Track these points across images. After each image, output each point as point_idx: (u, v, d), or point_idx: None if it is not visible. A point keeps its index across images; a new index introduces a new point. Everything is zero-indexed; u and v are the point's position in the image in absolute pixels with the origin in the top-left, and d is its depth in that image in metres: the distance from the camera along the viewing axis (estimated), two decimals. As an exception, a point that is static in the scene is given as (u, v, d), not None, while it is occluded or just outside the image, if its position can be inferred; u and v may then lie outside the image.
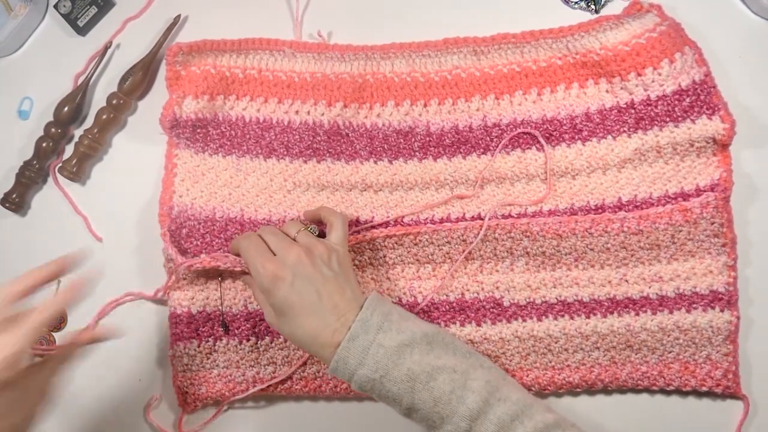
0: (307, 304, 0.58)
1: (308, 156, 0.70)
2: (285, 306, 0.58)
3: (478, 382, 0.56)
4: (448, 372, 0.56)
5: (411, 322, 0.59)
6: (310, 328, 0.58)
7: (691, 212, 0.66)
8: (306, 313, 0.58)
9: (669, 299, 0.66)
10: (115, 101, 0.73)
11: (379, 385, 0.56)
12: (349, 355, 0.56)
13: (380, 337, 0.56)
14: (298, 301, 0.58)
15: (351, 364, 0.56)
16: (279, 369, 0.69)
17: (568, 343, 0.67)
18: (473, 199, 0.69)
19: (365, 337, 0.56)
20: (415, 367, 0.56)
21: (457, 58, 0.70)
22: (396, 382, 0.56)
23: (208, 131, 0.71)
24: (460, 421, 0.54)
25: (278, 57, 0.71)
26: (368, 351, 0.56)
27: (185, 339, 0.69)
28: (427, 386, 0.55)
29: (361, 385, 0.57)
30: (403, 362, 0.56)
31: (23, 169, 0.73)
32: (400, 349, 0.56)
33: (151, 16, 0.76)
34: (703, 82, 0.66)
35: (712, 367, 0.65)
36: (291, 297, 0.58)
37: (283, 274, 0.58)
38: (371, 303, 0.59)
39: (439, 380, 0.55)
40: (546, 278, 0.67)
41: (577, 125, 0.68)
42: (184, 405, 0.69)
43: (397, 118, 0.70)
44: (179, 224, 0.70)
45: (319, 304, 0.57)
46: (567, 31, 0.68)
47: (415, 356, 0.56)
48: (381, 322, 0.57)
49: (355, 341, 0.56)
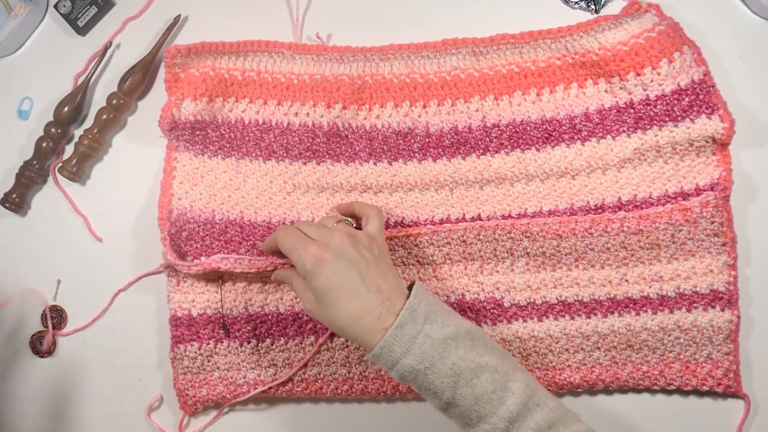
0: (350, 286, 0.57)
1: (308, 158, 0.70)
2: (327, 288, 0.57)
3: (519, 384, 0.55)
4: (491, 371, 0.55)
5: (453, 317, 0.58)
6: (352, 311, 0.56)
7: (691, 212, 0.66)
8: (348, 294, 0.56)
9: (669, 299, 0.66)
10: (115, 101, 0.73)
11: (422, 377, 0.55)
12: (395, 343, 0.55)
13: (427, 328, 0.56)
14: (341, 282, 0.57)
15: (396, 352, 0.55)
16: (280, 371, 0.69)
17: (569, 344, 0.67)
18: (473, 200, 0.69)
19: (413, 326, 0.55)
20: (460, 362, 0.55)
21: (456, 59, 0.70)
22: (440, 375, 0.55)
23: (207, 133, 0.71)
24: (498, 422, 0.54)
25: (277, 59, 0.71)
26: (415, 340, 0.55)
27: (186, 341, 0.69)
28: (470, 383, 0.55)
29: (403, 375, 0.56)
30: (448, 356, 0.55)
31: (23, 169, 0.73)
32: (446, 342, 0.55)
33: (151, 16, 0.76)
34: (702, 81, 0.66)
35: (713, 367, 0.65)
36: (334, 278, 0.57)
37: (326, 255, 0.57)
38: (418, 292, 0.58)
39: (482, 378, 0.55)
40: (546, 278, 0.67)
41: (576, 125, 0.68)
42: (185, 407, 0.69)
43: (397, 120, 0.70)
44: (179, 227, 0.69)
45: (362, 286, 0.57)
46: (566, 31, 0.68)
47: (460, 351, 0.55)
48: (428, 313, 0.56)
49: (402, 329, 0.55)
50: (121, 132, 0.75)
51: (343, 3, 0.75)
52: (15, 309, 0.73)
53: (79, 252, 0.73)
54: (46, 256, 0.74)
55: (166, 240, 0.68)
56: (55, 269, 0.73)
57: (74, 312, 0.73)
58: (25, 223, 0.75)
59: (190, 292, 0.69)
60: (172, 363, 0.69)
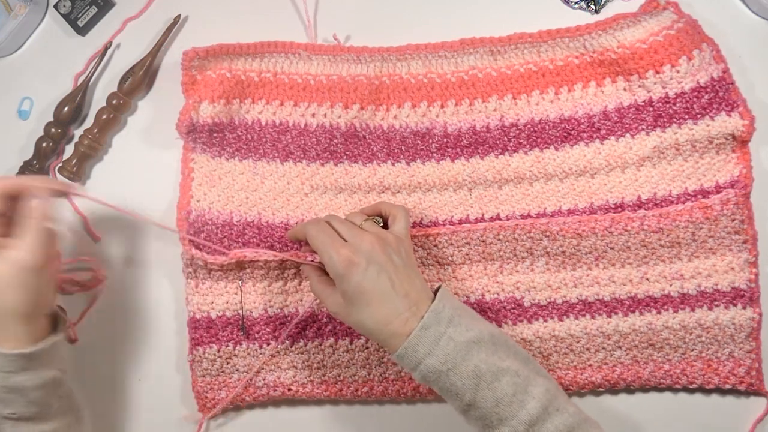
0: (380, 292, 0.57)
1: (325, 159, 0.70)
2: (357, 292, 0.57)
3: (539, 389, 0.56)
4: (512, 375, 0.56)
5: (478, 321, 0.59)
6: (381, 316, 0.57)
7: (711, 209, 0.65)
8: (378, 300, 0.57)
9: (691, 297, 0.66)
10: (115, 101, 0.73)
11: (444, 378, 0.56)
12: (419, 344, 0.56)
13: (451, 331, 0.56)
14: (372, 288, 0.57)
15: (420, 353, 0.56)
16: (299, 373, 0.68)
17: (589, 343, 0.67)
18: (492, 200, 0.69)
19: (437, 328, 0.56)
20: (481, 365, 0.56)
21: (474, 58, 0.70)
22: (461, 377, 0.56)
23: (225, 135, 0.70)
24: (518, 425, 0.55)
25: (293, 60, 0.71)
26: (438, 342, 0.56)
27: (205, 344, 0.69)
28: (491, 386, 0.55)
29: (426, 375, 0.57)
30: (470, 358, 0.56)
31: (23, 169, 0.73)
32: (469, 345, 0.56)
33: (151, 16, 0.76)
34: (721, 78, 0.66)
35: (735, 365, 0.65)
36: (364, 283, 0.57)
37: (358, 260, 0.57)
38: (443, 295, 0.59)
39: (503, 381, 0.56)
40: (566, 278, 0.67)
41: (595, 124, 0.68)
42: (204, 410, 0.69)
43: (414, 120, 0.70)
44: (197, 229, 0.69)
45: (392, 292, 0.57)
46: (584, 29, 0.68)
47: (482, 354, 0.56)
48: (452, 316, 0.57)
49: (427, 330, 0.56)
50: (121, 132, 0.75)
51: (359, 3, 0.75)
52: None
53: (79, 252, 0.73)
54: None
55: (185, 240, 0.68)
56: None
57: (74, 312, 0.73)
58: None
59: (209, 294, 0.69)
60: (191, 366, 0.69)
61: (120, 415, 0.71)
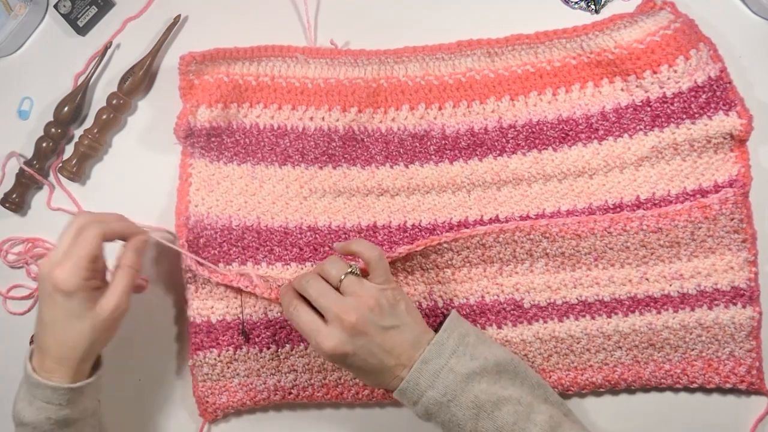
0: (372, 368, 0.58)
1: (324, 162, 0.70)
2: (350, 370, 0.60)
3: (542, 416, 0.56)
4: (513, 403, 0.56)
5: (486, 347, 0.59)
6: (376, 382, 0.60)
7: (710, 209, 0.65)
8: (371, 373, 0.59)
9: (690, 296, 0.66)
10: (115, 101, 0.73)
11: (445, 409, 0.57)
12: (420, 377, 0.57)
13: (452, 362, 0.57)
14: (363, 367, 0.58)
15: (421, 386, 0.57)
16: (300, 376, 0.68)
17: (590, 343, 0.67)
18: (491, 201, 0.69)
19: (438, 361, 0.57)
20: (481, 395, 0.56)
21: (471, 60, 0.70)
22: (462, 408, 0.56)
23: (223, 139, 0.70)
24: None
25: (291, 63, 0.71)
26: (439, 375, 0.57)
27: (205, 348, 0.69)
28: (492, 415, 0.56)
29: (428, 408, 0.57)
30: (471, 389, 0.56)
31: (23, 169, 0.73)
32: (470, 376, 0.57)
33: (151, 16, 0.76)
34: (718, 78, 0.66)
35: (736, 364, 0.65)
36: (355, 366, 0.58)
37: (345, 349, 0.57)
38: (449, 325, 0.60)
39: (504, 411, 0.56)
40: (566, 279, 0.67)
41: (593, 124, 0.68)
42: (205, 414, 0.69)
43: (412, 122, 0.70)
44: (196, 234, 0.69)
45: (383, 366, 0.58)
46: (581, 30, 0.68)
47: (482, 384, 0.57)
48: (456, 346, 0.58)
49: (428, 364, 0.57)
50: (121, 132, 0.75)
51: (355, 6, 0.74)
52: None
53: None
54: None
55: (185, 246, 0.68)
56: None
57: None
58: (25, 223, 0.75)
59: (209, 298, 0.69)
60: (191, 370, 0.69)
61: (121, 421, 0.71)
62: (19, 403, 0.59)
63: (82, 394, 0.59)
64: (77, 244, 0.58)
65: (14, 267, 0.74)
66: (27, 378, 0.59)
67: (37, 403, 0.57)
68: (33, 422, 0.57)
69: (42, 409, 0.57)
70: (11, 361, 0.73)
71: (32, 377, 0.58)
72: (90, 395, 0.61)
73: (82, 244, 0.58)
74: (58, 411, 0.58)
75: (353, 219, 0.70)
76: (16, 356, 0.72)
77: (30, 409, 0.58)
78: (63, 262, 0.57)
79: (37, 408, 0.57)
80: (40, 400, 0.57)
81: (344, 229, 0.69)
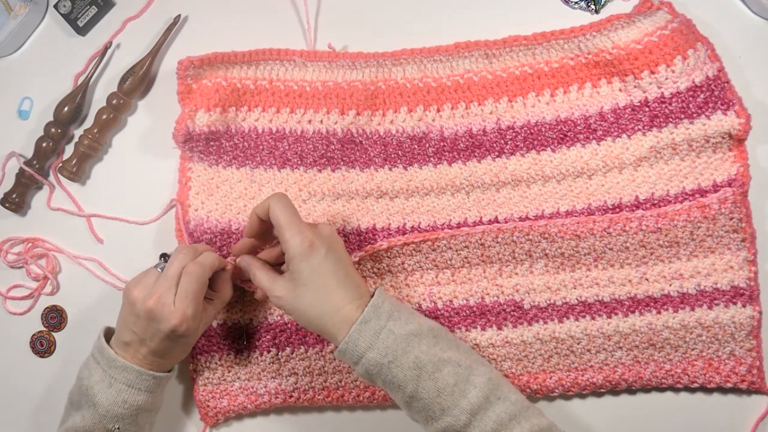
0: (336, 279, 0.58)
1: (322, 165, 0.70)
2: (314, 275, 0.58)
3: (481, 378, 0.57)
4: (453, 365, 0.57)
5: (417, 316, 0.61)
6: (333, 302, 0.58)
7: (709, 208, 0.65)
8: (333, 286, 0.58)
9: (690, 296, 0.66)
10: (115, 101, 0.73)
11: (386, 370, 0.57)
12: (360, 338, 0.57)
13: (391, 324, 0.58)
14: (329, 273, 0.58)
15: (361, 347, 0.57)
16: (300, 380, 0.68)
17: (590, 344, 0.67)
18: (490, 203, 0.69)
19: (377, 322, 0.57)
20: (422, 356, 0.57)
21: (469, 62, 0.70)
22: (403, 369, 0.57)
23: (221, 143, 0.70)
24: (460, 414, 0.56)
25: (289, 67, 0.71)
26: (379, 335, 0.57)
27: (206, 352, 0.69)
28: (432, 376, 0.56)
29: (368, 369, 0.58)
30: (411, 350, 0.57)
31: (23, 169, 0.73)
32: (409, 337, 0.57)
33: (151, 16, 0.76)
34: (716, 77, 0.66)
35: (736, 363, 0.65)
36: (323, 267, 0.58)
37: (319, 244, 0.58)
38: (381, 293, 0.60)
39: (444, 372, 0.56)
40: (566, 279, 0.67)
41: (591, 125, 0.68)
42: (206, 418, 0.69)
43: (411, 124, 0.70)
44: (196, 238, 0.69)
45: (347, 280, 0.59)
46: (578, 31, 0.68)
47: (422, 346, 0.57)
48: (391, 311, 0.59)
49: (367, 324, 0.57)
50: (121, 132, 0.75)
51: (353, 8, 0.75)
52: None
53: (80, 252, 0.73)
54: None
55: None
56: (56, 269, 0.73)
57: (74, 312, 0.73)
58: (25, 223, 0.75)
59: (209, 302, 0.69)
60: (192, 375, 0.69)
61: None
62: (95, 386, 0.61)
63: (160, 386, 0.63)
64: (189, 295, 0.60)
65: (14, 267, 0.74)
66: (110, 362, 0.61)
67: (117, 386, 0.60)
68: (106, 405, 0.60)
69: (121, 391, 0.60)
70: (11, 360, 0.73)
71: (118, 360, 0.61)
72: (163, 389, 0.65)
73: (193, 293, 0.60)
74: (136, 395, 0.61)
75: (352, 221, 0.70)
76: (16, 356, 0.73)
77: (109, 392, 0.60)
78: (183, 310, 0.60)
79: (117, 390, 0.60)
80: (121, 383, 0.60)
81: (344, 232, 0.69)
